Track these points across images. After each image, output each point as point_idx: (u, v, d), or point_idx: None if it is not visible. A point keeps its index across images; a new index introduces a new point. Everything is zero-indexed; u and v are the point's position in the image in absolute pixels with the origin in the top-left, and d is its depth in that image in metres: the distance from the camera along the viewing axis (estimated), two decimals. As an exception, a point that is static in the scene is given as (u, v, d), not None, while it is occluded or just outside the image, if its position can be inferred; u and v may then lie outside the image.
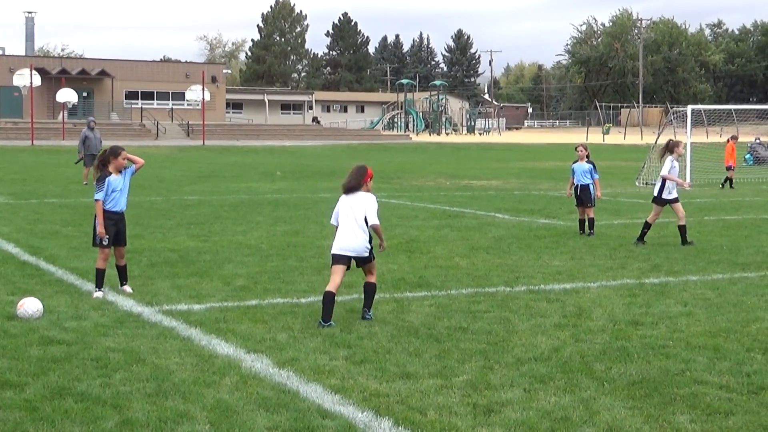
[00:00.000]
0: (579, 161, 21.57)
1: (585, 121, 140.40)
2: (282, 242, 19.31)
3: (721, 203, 30.04)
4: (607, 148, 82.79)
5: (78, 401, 8.41)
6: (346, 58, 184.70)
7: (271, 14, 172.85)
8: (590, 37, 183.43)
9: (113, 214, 13.41)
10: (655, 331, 11.35)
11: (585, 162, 21.50)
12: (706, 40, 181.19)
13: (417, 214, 25.53)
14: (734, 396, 8.73)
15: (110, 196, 13.37)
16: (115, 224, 13.43)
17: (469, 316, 12.10)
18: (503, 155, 69.79)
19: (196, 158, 61.35)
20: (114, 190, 13.38)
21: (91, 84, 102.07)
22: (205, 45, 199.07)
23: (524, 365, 9.71)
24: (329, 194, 32.22)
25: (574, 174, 21.54)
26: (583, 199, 21.31)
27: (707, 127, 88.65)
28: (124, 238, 13.68)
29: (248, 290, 13.90)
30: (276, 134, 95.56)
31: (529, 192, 34.54)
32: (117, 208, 13.46)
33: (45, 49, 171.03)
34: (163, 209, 26.12)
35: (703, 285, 14.64)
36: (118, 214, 13.48)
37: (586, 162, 21.51)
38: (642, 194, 29.03)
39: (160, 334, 11.03)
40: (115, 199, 13.42)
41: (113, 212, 13.41)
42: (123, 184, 13.50)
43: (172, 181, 38.90)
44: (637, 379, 9.22)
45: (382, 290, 13.92)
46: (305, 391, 8.75)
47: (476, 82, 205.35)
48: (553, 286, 14.43)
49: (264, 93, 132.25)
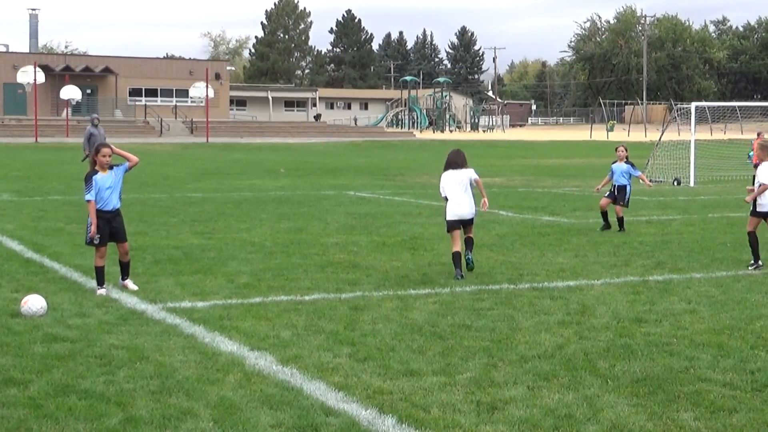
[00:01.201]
0: (618, 161, 21.61)
1: (589, 118, 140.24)
2: (286, 239, 19.31)
3: (725, 200, 30.02)
4: (611, 146, 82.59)
5: (82, 398, 8.42)
6: (350, 55, 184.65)
7: (275, 11, 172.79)
8: (594, 34, 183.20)
9: (105, 213, 13.37)
10: (658, 329, 11.34)
11: (624, 162, 21.52)
12: (711, 37, 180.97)
13: (421, 211, 25.53)
14: (738, 393, 8.72)
15: (100, 194, 13.35)
16: (107, 222, 13.40)
17: (472, 314, 12.10)
18: (507, 152, 69.74)
19: (200, 155, 61.35)
20: (102, 188, 13.34)
21: (94, 81, 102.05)
22: (209, 42, 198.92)
23: (528, 363, 9.71)
24: (333, 191, 32.24)
25: (613, 174, 21.55)
26: (617, 197, 21.35)
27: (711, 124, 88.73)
28: (122, 234, 13.65)
29: (252, 287, 13.90)
30: (280, 131, 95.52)
31: (533, 189, 34.54)
32: (109, 207, 13.40)
33: (49, 46, 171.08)
34: (166, 206, 26.13)
35: (707, 282, 14.63)
36: (110, 213, 13.43)
37: (625, 162, 21.52)
38: (646, 191, 28.99)
39: (163, 331, 11.04)
40: (105, 197, 13.38)
41: (105, 211, 13.37)
42: (114, 182, 13.43)
43: (175, 178, 38.92)
44: (641, 377, 9.22)
45: (385, 287, 13.94)
46: (309, 389, 8.75)
47: (480, 79, 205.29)
48: (557, 283, 14.43)
49: (268, 90, 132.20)
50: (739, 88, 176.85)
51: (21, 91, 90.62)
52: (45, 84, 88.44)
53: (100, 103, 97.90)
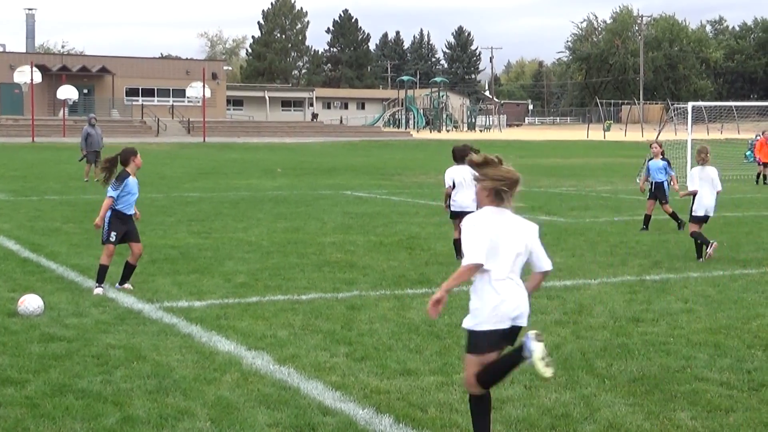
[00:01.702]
0: (654, 158, 21.85)
1: (586, 118, 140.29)
2: (282, 239, 19.32)
3: (721, 200, 29.95)
4: (607, 145, 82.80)
5: (79, 398, 8.42)
6: (347, 55, 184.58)
7: (271, 11, 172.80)
8: (591, 34, 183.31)
9: (123, 215, 13.39)
10: (655, 328, 11.36)
11: (660, 159, 21.73)
12: (707, 37, 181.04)
13: (418, 210, 25.54)
14: (735, 393, 8.74)
15: (125, 197, 13.33)
16: (125, 223, 13.42)
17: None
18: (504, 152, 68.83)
19: (197, 155, 61.32)
20: (130, 191, 13.35)
21: (91, 81, 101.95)
22: (206, 42, 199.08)
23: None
24: (330, 191, 32.24)
25: (649, 171, 21.82)
26: (657, 195, 21.61)
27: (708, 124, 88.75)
28: (136, 235, 13.64)
29: (249, 287, 13.90)
30: (276, 131, 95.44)
31: (530, 189, 34.52)
32: (128, 211, 13.44)
33: (45, 46, 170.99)
34: (163, 206, 26.12)
35: (703, 282, 14.65)
36: (127, 216, 13.47)
37: (660, 159, 21.73)
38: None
39: (160, 331, 11.04)
40: (128, 201, 13.39)
41: (123, 214, 13.39)
42: (137, 189, 13.48)
43: (172, 178, 38.90)
44: (638, 376, 9.23)
45: (382, 287, 13.95)
46: (306, 388, 8.76)
47: (477, 79, 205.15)
48: (554, 283, 14.42)
49: (264, 90, 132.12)
50: (736, 88, 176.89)
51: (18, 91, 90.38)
52: (42, 84, 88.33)
53: (96, 103, 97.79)
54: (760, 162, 40.95)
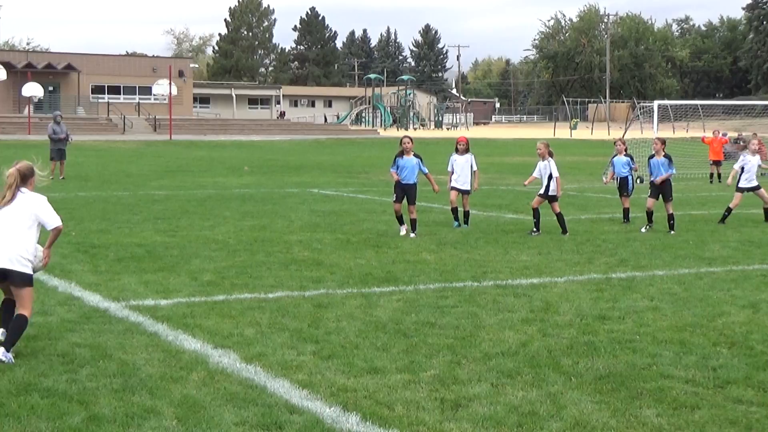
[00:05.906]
0: (618, 155, 23.12)
1: (552, 116, 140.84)
2: (249, 237, 19.26)
3: (687, 198, 30.19)
4: (574, 143, 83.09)
5: (44, 397, 8.36)
6: (314, 53, 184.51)
7: (238, 8, 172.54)
8: (558, 33, 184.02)
9: None
10: (621, 326, 11.40)
11: (623, 155, 23.02)
12: (673, 36, 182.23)
13: (385, 208, 25.52)
14: (700, 390, 8.78)
15: None
16: None
17: (436, 311, 12.11)
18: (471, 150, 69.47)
19: (163, 153, 61.08)
20: None
21: (57, 78, 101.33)
22: (173, 39, 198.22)
23: (492, 360, 9.73)
24: (297, 189, 32.20)
25: (614, 166, 23.19)
26: (621, 189, 22.96)
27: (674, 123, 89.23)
28: None
29: (216, 285, 13.85)
30: (243, 129, 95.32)
31: (497, 187, 34.62)
32: None
33: (10, 43, 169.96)
34: (129, 204, 26.00)
35: (669, 280, 14.71)
36: None
37: (624, 155, 23.02)
38: (609, 189, 29.09)
39: (126, 329, 10.98)
40: None
41: None
42: None
43: (138, 175, 38.73)
44: (604, 374, 9.25)
45: (349, 285, 13.94)
46: (273, 387, 8.73)
47: (444, 77, 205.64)
48: (521, 280, 14.47)
49: (231, 87, 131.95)
50: (702, 87, 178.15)
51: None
52: (6, 81, 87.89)
53: (62, 101, 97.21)
54: (712, 161, 40.62)
